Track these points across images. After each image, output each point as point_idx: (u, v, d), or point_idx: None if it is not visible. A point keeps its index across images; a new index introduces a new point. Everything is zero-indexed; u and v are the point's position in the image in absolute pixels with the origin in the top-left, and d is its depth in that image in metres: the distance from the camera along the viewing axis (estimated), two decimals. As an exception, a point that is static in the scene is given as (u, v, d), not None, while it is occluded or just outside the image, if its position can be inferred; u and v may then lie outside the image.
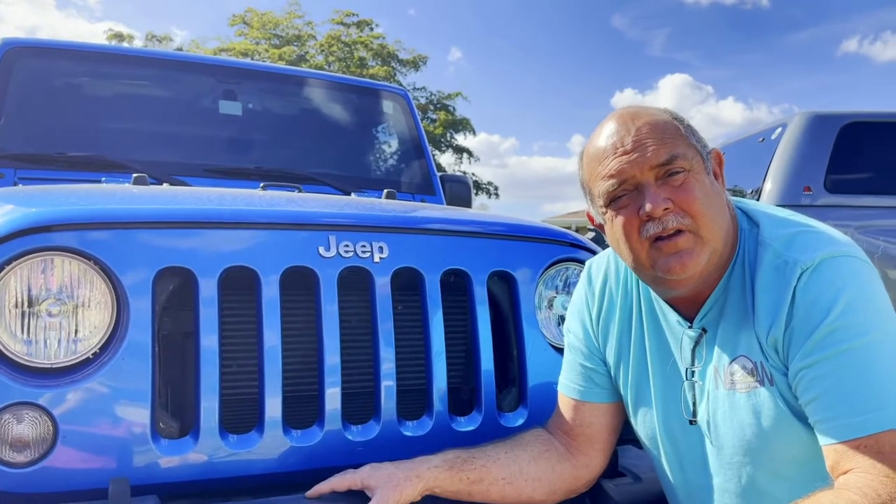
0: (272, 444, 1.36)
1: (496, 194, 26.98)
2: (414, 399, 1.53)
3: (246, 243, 1.40)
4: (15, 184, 2.38)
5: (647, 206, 1.20)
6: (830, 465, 1.10)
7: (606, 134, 1.26)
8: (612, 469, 1.51)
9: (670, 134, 1.24)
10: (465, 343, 1.61)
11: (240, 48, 22.94)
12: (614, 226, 1.26)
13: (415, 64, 24.78)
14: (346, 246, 1.47)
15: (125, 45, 22.47)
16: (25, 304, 1.26)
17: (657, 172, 1.21)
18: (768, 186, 4.24)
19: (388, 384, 1.46)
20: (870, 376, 1.08)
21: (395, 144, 3.30)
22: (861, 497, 1.02)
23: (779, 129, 4.49)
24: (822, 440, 1.11)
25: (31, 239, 1.26)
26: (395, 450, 1.43)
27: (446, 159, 25.27)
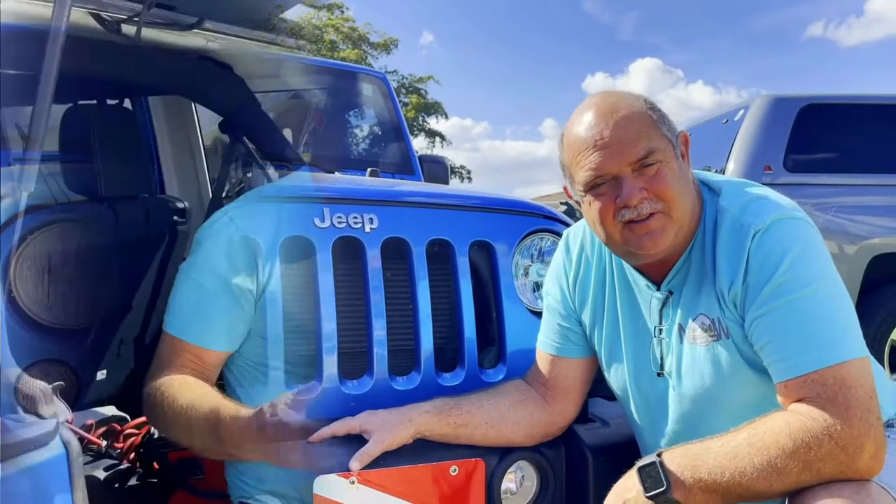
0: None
1: (469, 178, 26.95)
2: (403, 357, 1.64)
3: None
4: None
5: (625, 197, 1.32)
6: (782, 399, 1.25)
7: (586, 125, 1.36)
8: (583, 416, 1.65)
9: (645, 126, 1.34)
10: (449, 307, 1.72)
11: (210, 30, 22.56)
12: (592, 208, 1.38)
13: (386, 47, 24.54)
14: (339, 217, 1.58)
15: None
16: None
17: (634, 166, 1.33)
18: (731, 166, 4.38)
19: (379, 345, 1.58)
20: (813, 321, 1.23)
21: (375, 126, 3.40)
22: (811, 421, 1.16)
23: (741, 112, 4.63)
24: (776, 378, 1.25)
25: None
26: (387, 403, 1.53)
27: (419, 143, 25.10)
